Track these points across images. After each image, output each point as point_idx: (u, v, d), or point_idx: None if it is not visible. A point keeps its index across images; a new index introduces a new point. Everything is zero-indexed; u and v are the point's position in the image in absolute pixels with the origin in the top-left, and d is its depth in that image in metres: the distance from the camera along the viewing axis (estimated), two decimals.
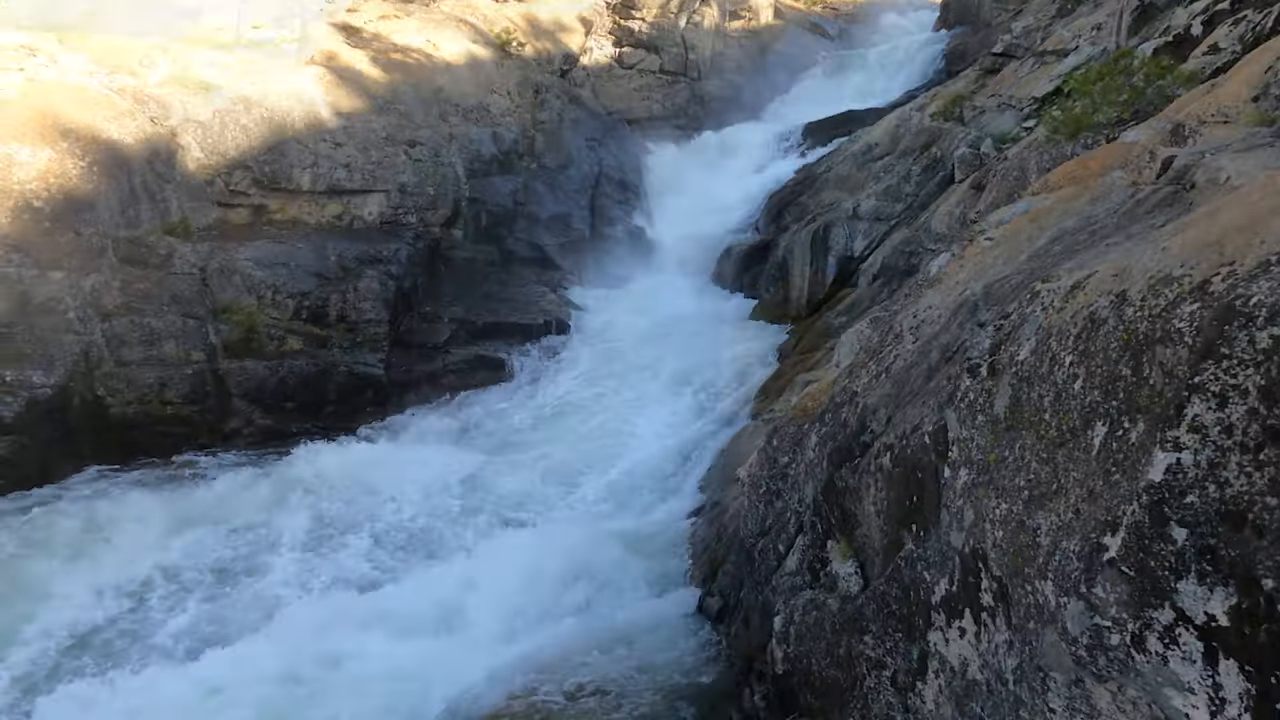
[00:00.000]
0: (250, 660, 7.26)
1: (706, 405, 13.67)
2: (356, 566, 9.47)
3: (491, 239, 17.80)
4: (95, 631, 8.03)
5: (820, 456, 5.63)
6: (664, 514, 10.86)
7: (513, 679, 7.61)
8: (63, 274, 11.55)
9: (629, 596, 9.00)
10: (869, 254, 15.74)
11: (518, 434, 12.77)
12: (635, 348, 15.66)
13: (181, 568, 9.03)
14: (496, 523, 10.44)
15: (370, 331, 13.96)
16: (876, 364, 5.49)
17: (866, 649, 4.58)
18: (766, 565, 6.84)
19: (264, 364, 12.83)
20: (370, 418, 13.12)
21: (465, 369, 14.45)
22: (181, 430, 11.93)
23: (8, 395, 10.45)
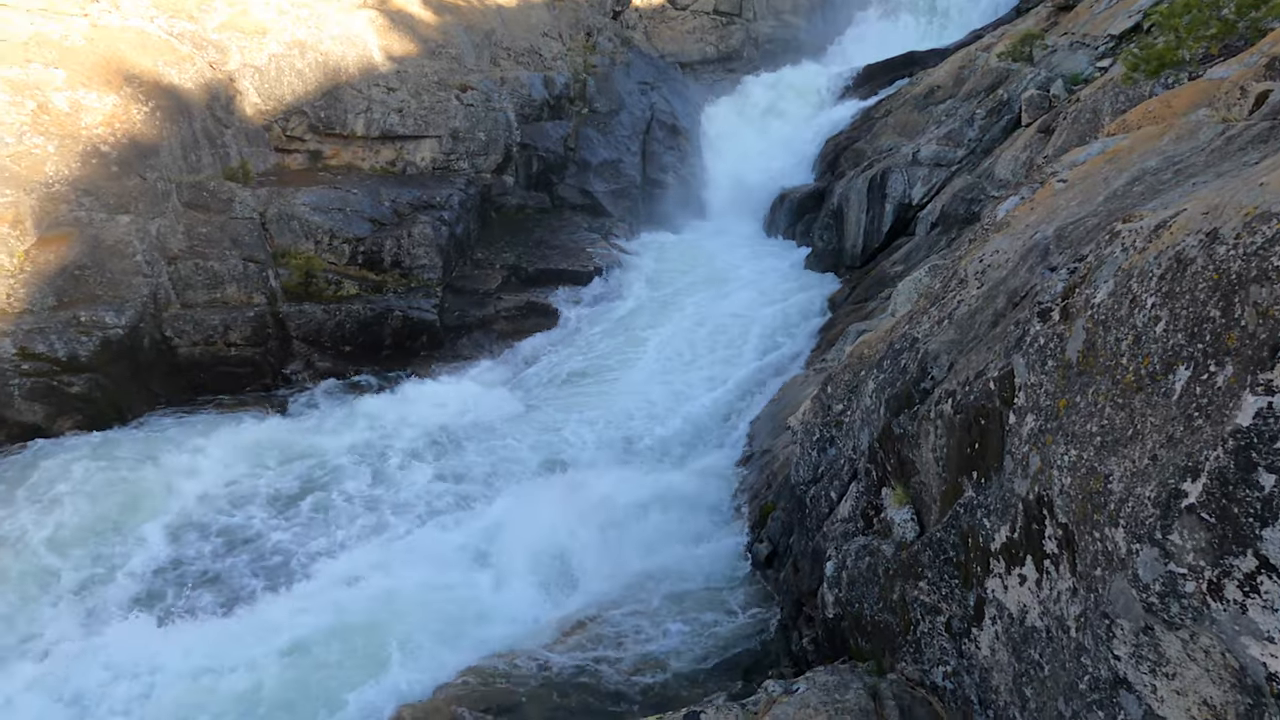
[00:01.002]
0: (324, 583, 7.62)
1: (756, 354, 13.58)
2: (413, 502, 9.74)
3: (542, 185, 17.74)
4: (170, 565, 8.44)
5: (877, 403, 5.55)
6: (713, 461, 10.90)
7: (562, 619, 7.82)
8: (130, 218, 11.87)
9: (678, 542, 9.11)
10: (928, 201, 15.28)
11: (567, 380, 12.87)
12: (685, 296, 15.57)
13: (251, 499, 9.39)
14: (544, 466, 10.60)
15: (424, 277, 14.12)
16: (939, 310, 5.36)
17: (921, 595, 4.56)
18: (818, 512, 6.84)
19: (322, 308, 13.09)
20: (424, 362, 13.34)
21: (516, 315, 14.56)
22: (245, 371, 12.31)
23: (83, 335, 10.88)
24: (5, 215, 10.85)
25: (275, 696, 6.69)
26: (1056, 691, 3.49)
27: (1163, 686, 2.81)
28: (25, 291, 10.79)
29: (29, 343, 10.51)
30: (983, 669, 4.07)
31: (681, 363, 13.30)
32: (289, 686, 6.79)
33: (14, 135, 11.18)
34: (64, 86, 11.80)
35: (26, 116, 11.37)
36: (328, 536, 9.02)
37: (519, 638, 7.26)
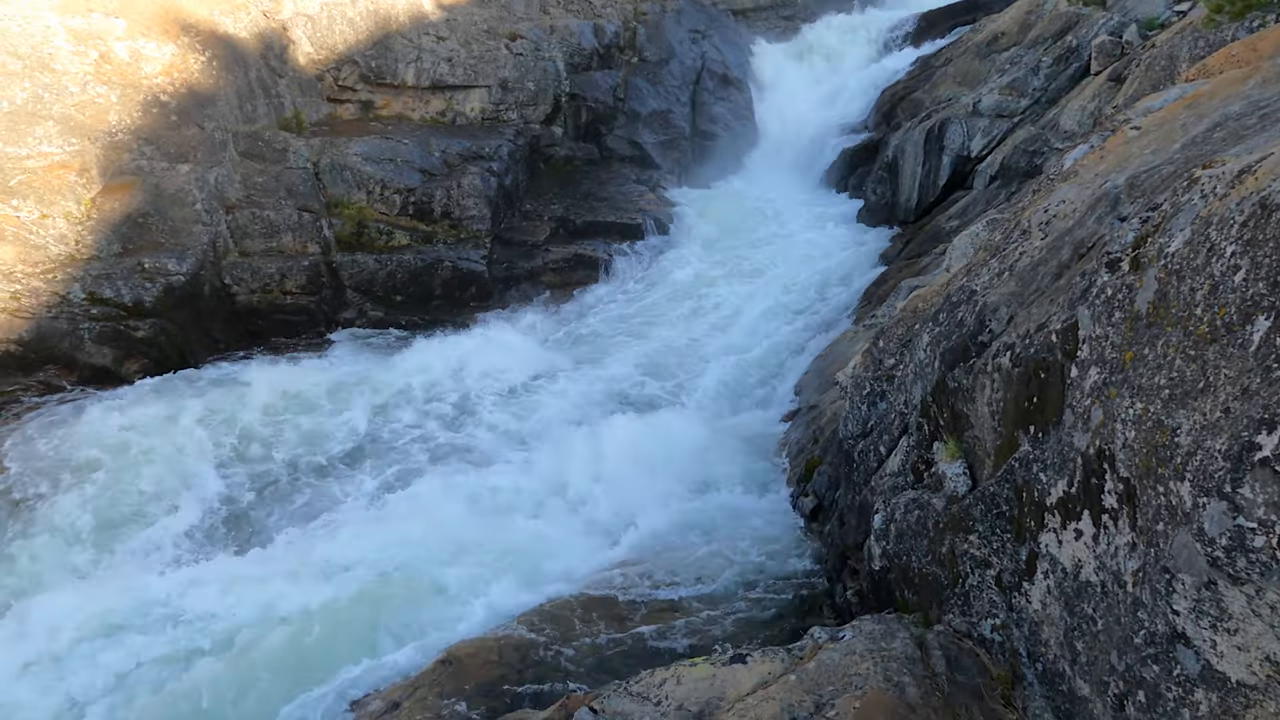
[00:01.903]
0: (373, 522, 7.88)
1: (804, 309, 13.44)
2: (461, 447, 9.95)
3: (591, 136, 17.60)
4: (225, 502, 8.78)
5: (932, 357, 5.47)
6: (759, 415, 10.90)
7: (608, 563, 7.98)
8: (189, 167, 12.12)
9: (722, 494, 9.18)
10: (987, 153, 14.79)
11: (614, 332, 12.91)
12: (733, 249, 15.42)
13: (305, 441, 9.69)
14: (587, 415, 10.70)
15: (473, 228, 14.20)
16: (999, 262, 5.22)
17: (971, 548, 4.54)
18: (866, 466, 6.81)
19: (373, 258, 13.29)
20: (473, 312, 13.50)
21: (564, 267, 14.59)
22: (301, 319, 12.60)
23: (147, 281, 11.22)
24: (72, 164, 11.16)
25: (330, 629, 6.98)
26: (1109, 645, 3.47)
27: (1223, 642, 2.77)
28: (92, 238, 11.14)
29: (97, 288, 10.89)
30: (1032, 622, 4.06)
31: (727, 316, 13.24)
32: (341, 621, 7.07)
33: (78, 85, 11.44)
34: (124, 36, 12.00)
35: (90, 66, 11.61)
36: (377, 478, 9.29)
37: (568, 579, 7.43)
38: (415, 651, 6.70)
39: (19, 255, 10.66)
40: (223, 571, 7.34)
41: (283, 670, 6.41)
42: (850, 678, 3.89)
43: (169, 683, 6.26)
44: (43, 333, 10.40)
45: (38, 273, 10.68)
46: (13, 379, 10.23)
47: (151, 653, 6.49)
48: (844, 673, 3.94)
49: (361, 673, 6.41)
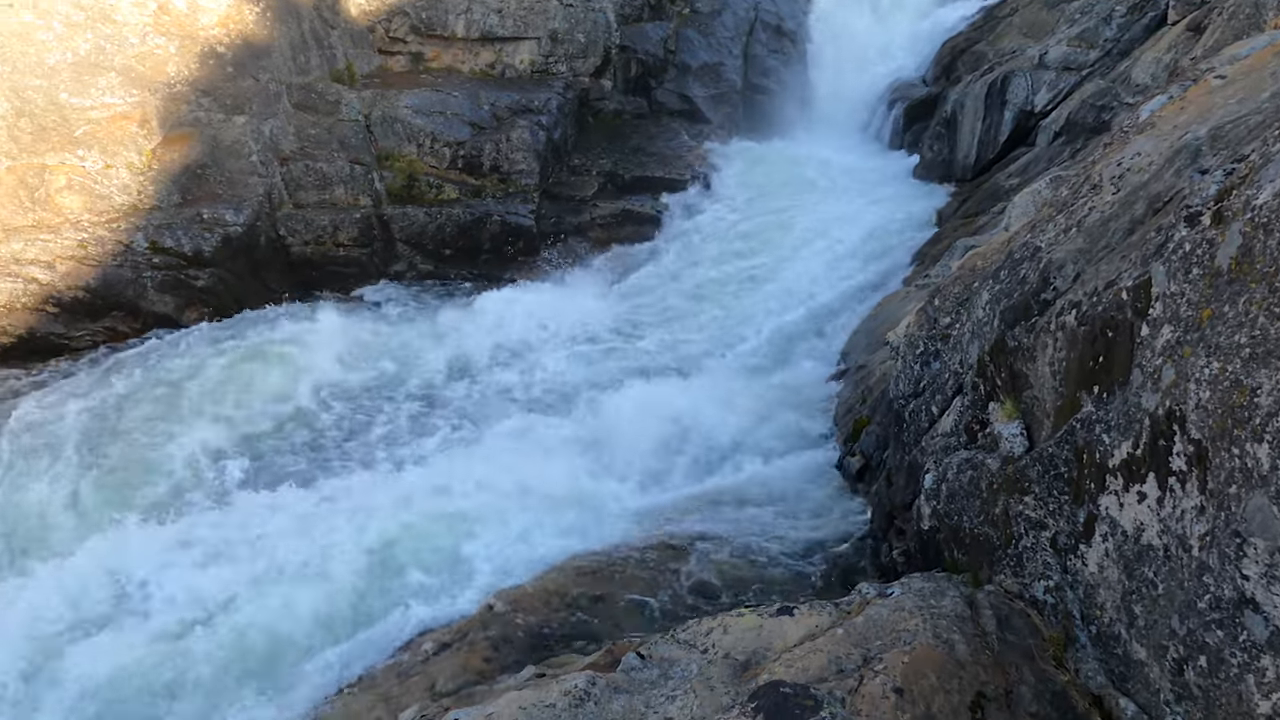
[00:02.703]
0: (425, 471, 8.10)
1: (855, 269, 13.21)
2: (517, 397, 10.09)
3: (640, 90, 17.34)
4: (283, 443, 9.06)
5: (991, 315, 5.33)
6: (807, 375, 10.82)
7: (655, 516, 8.06)
8: (245, 118, 12.27)
9: (769, 451, 9.18)
10: (1052, 109, 14.22)
11: (661, 289, 12.86)
12: (783, 206, 15.15)
13: (356, 391, 9.91)
14: (633, 370, 10.73)
15: (521, 182, 14.17)
16: (1066, 217, 5.04)
17: (1026, 509, 4.47)
18: (917, 426, 6.72)
19: (423, 211, 13.37)
20: (520, 267, 13.55)
21: (611, 223, 14.52)
22: (353, 271, 12.80)
23: (206, 231, 11.48)
24: (133, 115, 11.39)
25: (384, 568, 7.21)
26: (1170, 610, 3.40)
27: None
28: (154, 189, 11.40)
29: (159, 237, 11.17)
30: (1088, 585, 3.99)
31: (775, 274, 13.07)
32: (394, 561, 7.29)
33: (138, 36, 11.61)
34: None
35: (149, 17, 11.76)
36: (425, 428, 9.47)
37: (614, 530, 7.54)
38: (465, 594, 6.89)
39: (85, 205, 10.97)
40: (289, 505, 7.61)
41: (342, 604, 6.66)
42: (899, 633, 3.88)
43: (257, 607, 6.57)
44: (108, 280, 10.73)
45: (103, 222, 10.99)
46: (81, 325, 10.61)
47: (237, 577, 6.80)
48: (892, 628, 3.94)
49: (414, 612, 6.61)
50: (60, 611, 6.75)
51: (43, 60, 10.82)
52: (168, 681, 6.22)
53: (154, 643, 6.49)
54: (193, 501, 7.96)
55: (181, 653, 6.40)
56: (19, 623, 6.61)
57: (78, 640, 6.58)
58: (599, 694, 3.81)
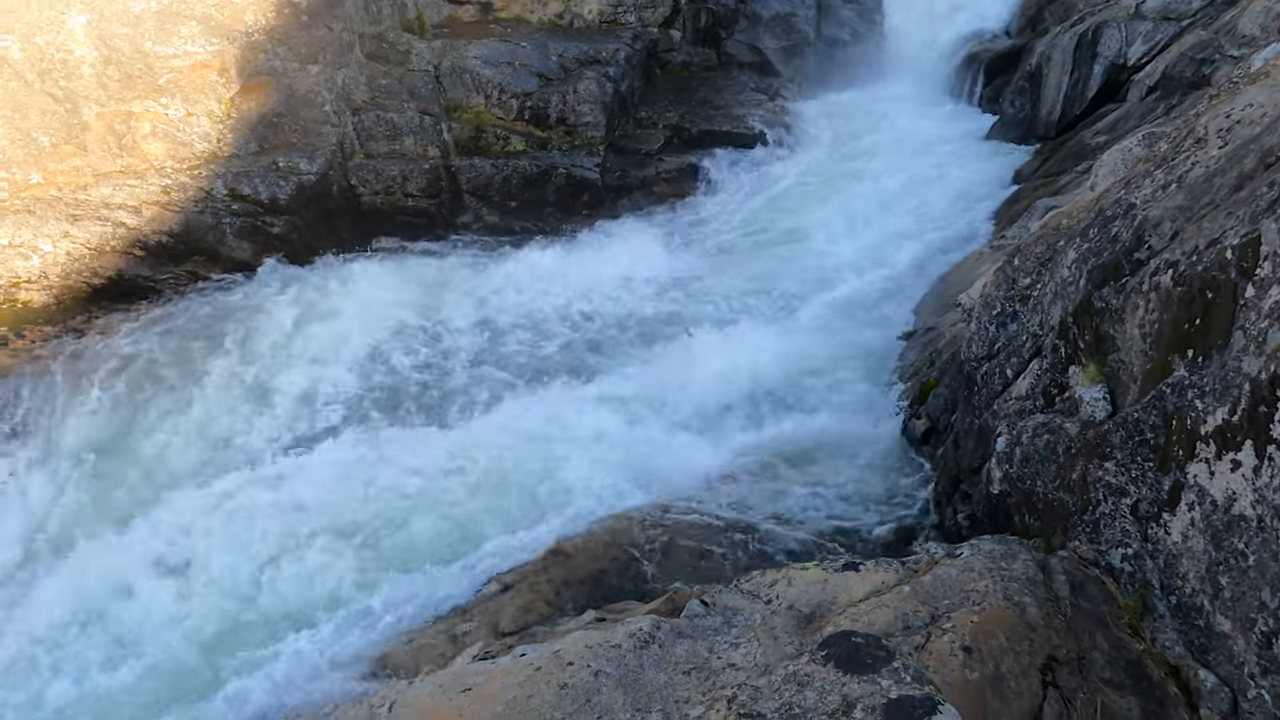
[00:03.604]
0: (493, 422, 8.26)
1: (927, 229, 12.83)
2: (568, 356, 10.17)
3: (709, 41, 16.96)
4: (362, 390, 9.32)
5: (1077, 275, 5.13)
6: (873, 335, 10.63)
7: (717, 471, 8.08)
8: (319, 68, 12.43)
9: (833, 411, 9.08)
10: (1146, 62, 13.43)
11: (727, 245, 12.72)
12: (854, 164, 14.76)
13: (425, 340, 10.10)
14: (700, 326, 10.68)
15: (587, 135, 14.09)
16: (1165, 173, 4.78)
17: (1106, 475, 4.33)
18: (989, 389, 6.55)
19: (490, 162, 13.42)
20: (585, 220, 13.53)
21: (677, 177, 14.35)
22: (421, 221, 12.97)
23: (281, 179, 11.75)
24: (213, 63, 11.64)
25: (451, 515, 7.42)
26: (1261, 583, 3.27)
27: None
28: (232, 136, 11.69)
29: (237, 185, 11.48)
30: (1170, 554, 3.87)
31: (846, 233, 12.79)
32: (460, 507, 7.49)
33: None
34: None
35: None
36: (489, 378, 9.62)
37: (674, 484, 7.59)
38: (530, 538, 7.05)
39: (168, 152, 11.32)
40: (364, 450, 7.88)
41: (416, 546, 6.91)
42: (968, 593, 3.83)
43: (339, 548, 6.88)
44: (190, 226, 11.10)
45: (185, 169, 11.33)
46: (165, 268, 11.03)
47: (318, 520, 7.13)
48: (961, 588, 3.89)
49: (483, 552, 6.81)
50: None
51: (128, 9, 11.10)
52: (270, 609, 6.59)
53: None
54: (278, 441, 8.31)
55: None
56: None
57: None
58: (663, 637, 3.88)
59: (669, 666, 3.71)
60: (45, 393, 8.76)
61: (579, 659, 3.76)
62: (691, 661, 3.73)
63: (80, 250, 10.31)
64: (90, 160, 10.89)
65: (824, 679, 2.56)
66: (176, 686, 6.15)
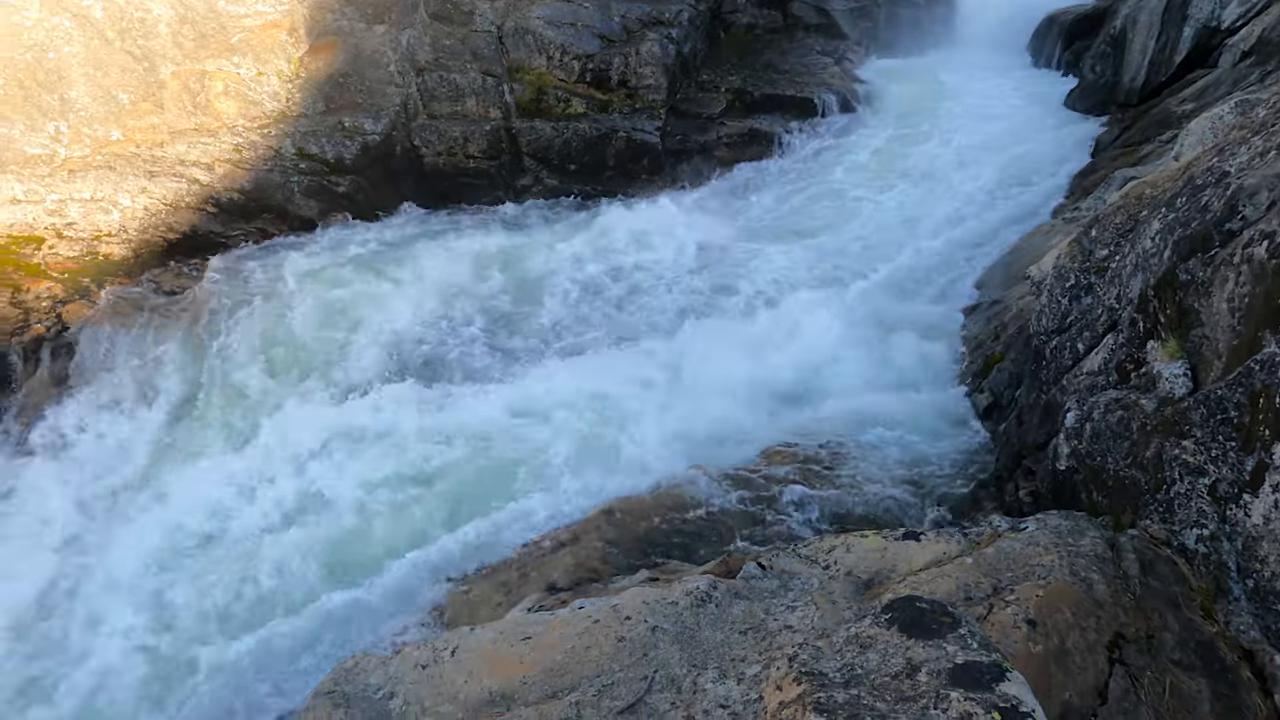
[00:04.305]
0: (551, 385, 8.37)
1: (998, 199, 12.46)
2: (626, 320, 10.18)
3: (774, 3, 16.58)
4: (434, 341, 9.51)
5: (1161, 246, 4.92)
6: (934, 308, 10.41)
7: (768, 441, 8.05)
8: (384, 28, 12.53)
9: (890, 383, 8.95)
10: (1242, 25, 12.69)
11: (788, 213, 12.53)
12: (922, 131, 14.34)
13: (483, 300, 10.23)
14: (758, 294, 10.59)
15: (648, 98, 13.95)
16: (1264, 140, 4.53)
17: (1183, 454, 4.19)
18: (1058, 364, 6.37)
19: (551, 125, 13.40)
20: (644, 185, 13.46)
21: (738, 142, 14.14)
22: (481, 183, 13.05)
23: (346, 139, 11.93)
24: (283, 23, 11.82)
25: (500, 471, 7.57)
26: None
27: None
28: (300, 96, 11.89)
29: (304, 144, 11.70)
30: (1249, 537, 3.74)
31: (911, 202, 12.49)
32: (510, 463, 7.63)
33: None
34: None
35: None
36: (544, 341, 9.70)
37: (729, 451, 7.60)
38: (583, 498, 7.15)
39: (240, 110, 11.57)
40: (420, 403, 8.07)
41: (477, 497, 7.10)
42: (1032, 567, 3.77)
43: (407, 494, 7.10)
44: (260, 184, 11.37)
45: (255, 127, 11.59)
46: (236, 225, 11.33)
47: (381, 469, 7.35)
48: (1025, 562, 3.82)
49: (537, 509, 6.94)
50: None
51: None
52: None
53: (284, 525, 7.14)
54: (351, 389, 8.60)
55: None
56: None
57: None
58: (719, 597, 3.91)
59: (725, 625, 3.75)
60: (127, 342, 9.14)
61: (636, 614, 3.82)
62: (748, 622, 3.75)
63: (157, 205, 10.65)
64: (166, 118, 11.20)
65: (887, 642, 2.55)
66: (241, 625, 6.43)
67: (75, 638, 6.44)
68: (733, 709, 3.13)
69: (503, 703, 3.53)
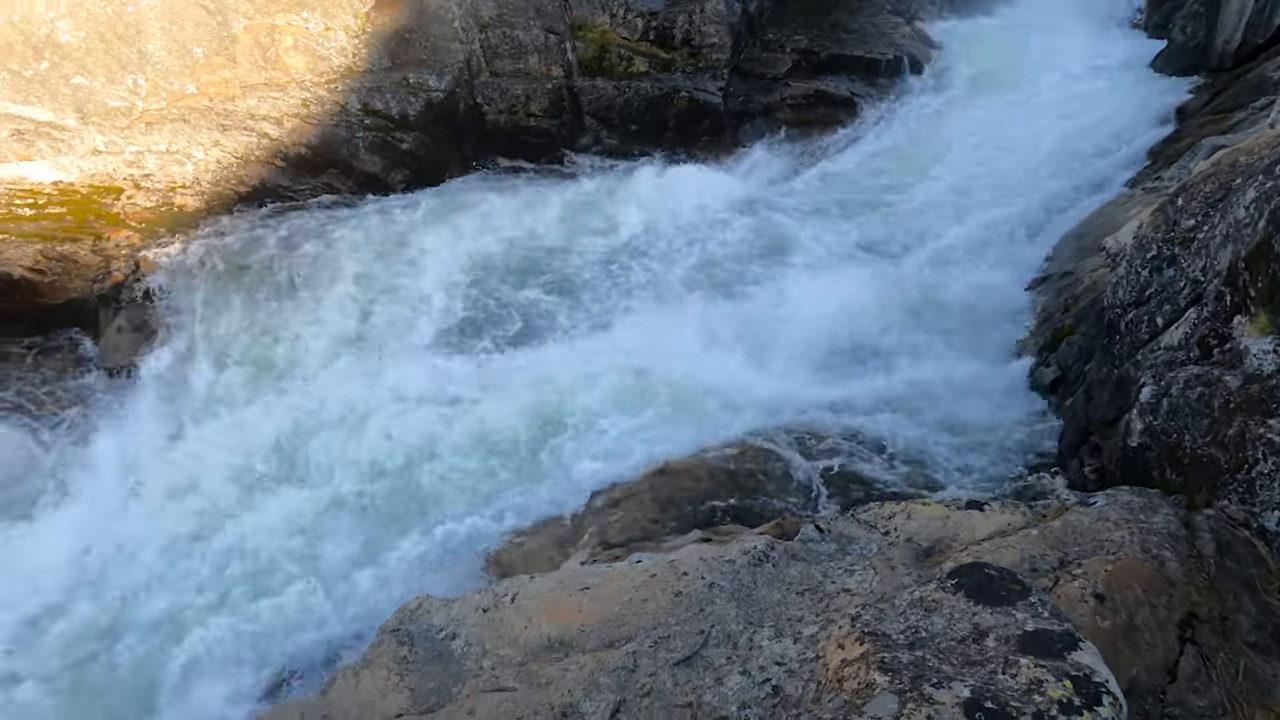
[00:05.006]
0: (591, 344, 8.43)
1: (1073, 167, 11.99)
2: (682, 280, 10.13)
3: None
4: (487, 303, 9.62)
5: (1256, 216, 4.68)
6: (1002, 277, 10.13)
7: (823, 409, 7.98)
8: None
9: (952, 355, 8.78)
10: None
11: (852, 177, 12.26)
12: (996, 94, 13.82)
13: (543, 258, 10.28)
14: (816, 260, 10.42)
15: (712, 57, 13.69)
16: None
17: (1269, 433, 4.02)
18: (1134, 338, 6.15)
19: (612, 84, 13.27)
20: (704, 147, 13.27)
21: (803, 104, 13.82)
22: (542, 142, 13.03)
23: (411, 95, 11.99)
24: None
25: (553, 432, 7.66)
26: None
27: None
28: (366, 52, 11.98)
29: (370, 100, 11.80)
30: None
31: (982, 168, 12.10)
32: (565, 424, 7.72)
33: None
34: None
35: None
36: (606, 299, 9.72)
37: (784, 417, 7.55)
38: (635, 458, 7.21)
39: (308, 65, 11.72)
40: (480, 361, 8.20)
41: (533, 455, 7.22)
42: (1101, 542, 3.68)
43: (458, 454, 7.26)
44: (327, 139, 11.52)
45: (322, 82, 11.73)
46: (304, 179, 11.53)
47: (440, 424, 7.52)
48: (1094, 536, 3.73)
49: (591, 467, 7.02)
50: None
51: None
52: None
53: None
54: (410, 343, 8.77)
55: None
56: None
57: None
58: (777, 557, 3.91)
59: (782, 585, 3.76)
60: (199, 291, 9.45)
61: (693, 570, 3.85)
62: (805, 583, 3.75)
63: (229, 159, 10.90)
64: (238, 72, 11.41)
65: (953, 606, 2.53)
66: (305, 568, 6.68)
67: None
68: (788, 666, 3.15)
69: (561, 649, 3.61)
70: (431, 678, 3.59)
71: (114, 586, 6.60)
